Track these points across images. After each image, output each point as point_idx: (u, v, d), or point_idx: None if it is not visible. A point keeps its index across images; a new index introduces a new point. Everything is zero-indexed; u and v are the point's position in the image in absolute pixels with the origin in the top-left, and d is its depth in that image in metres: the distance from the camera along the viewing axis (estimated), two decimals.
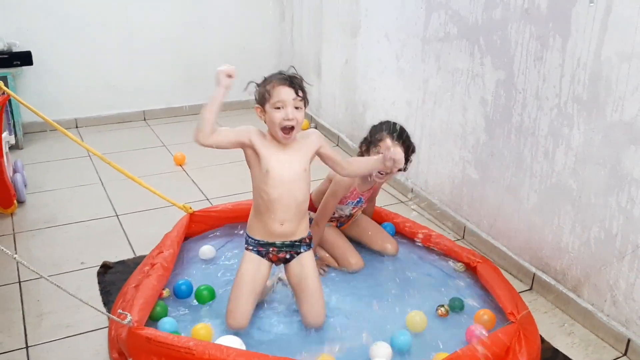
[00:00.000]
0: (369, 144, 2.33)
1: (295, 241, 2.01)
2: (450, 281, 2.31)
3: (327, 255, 2.44)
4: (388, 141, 2.23)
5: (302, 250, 2.03)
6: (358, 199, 2.45)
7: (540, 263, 2.38)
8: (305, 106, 1.93)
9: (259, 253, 2.01)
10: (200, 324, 1.93)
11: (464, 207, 2.80)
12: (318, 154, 2.02)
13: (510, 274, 2.50)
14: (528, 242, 2.42)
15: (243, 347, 1.78)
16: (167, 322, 1.91)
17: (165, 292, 2.12)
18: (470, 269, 2.33)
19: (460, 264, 2.36)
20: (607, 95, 1.97)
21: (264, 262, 2.02)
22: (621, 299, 2.03)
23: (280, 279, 2.25)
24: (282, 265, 2.07)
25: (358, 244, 2.50)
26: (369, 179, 2.36)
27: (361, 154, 2.37)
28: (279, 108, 1.88)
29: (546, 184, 2.28)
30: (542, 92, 2.22)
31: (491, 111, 2.51)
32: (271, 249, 2.00)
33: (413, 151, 2.37)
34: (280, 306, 2.13)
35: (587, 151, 2.08)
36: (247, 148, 1.97)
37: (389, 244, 2.47)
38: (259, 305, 2.09)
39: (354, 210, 2.50)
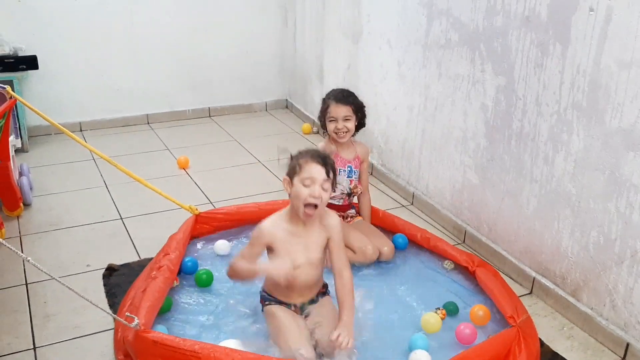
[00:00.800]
0: (323, 115, 2.54)
1: (313, 298, 2.06)
2: (450, 285, 2.35)
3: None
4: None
5: (319, 299, 2.07)
6: (348, 167, 2.54)
7: (540, 267, 2.41)
8: (333, 189, 1.95)
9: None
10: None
11: (465, 212, 2.83)
12: (327, 242, 2.02)
13: (510, 277, 2.53)
14: (528, 247, 2.45)
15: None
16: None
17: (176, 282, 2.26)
18: (470, 273, 2.36)
19: (448, 261, 2.43)
20: (606, 102, 2.00)
21: (291, 310, 2.02)
22: (620, 303, 2.06)
23: None
24: None
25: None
26: (343, 143, 2.56)
27: (322, 124, 2.58)
28: (307, 185, 1.89)
29: (546, 189, 2.31)
30: (542, 98, 2.26)
31: (492, 117, 2.55)
32: (292, 307, 2.02)
33: (362, 107, 2.57)
34: None
35: (586, 157, 2.11)
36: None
37: (385, 247, 2.49)
38: None
39: (352, 185, 2.58)
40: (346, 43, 3.76)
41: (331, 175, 1.91)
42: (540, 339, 2.04)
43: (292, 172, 1.93)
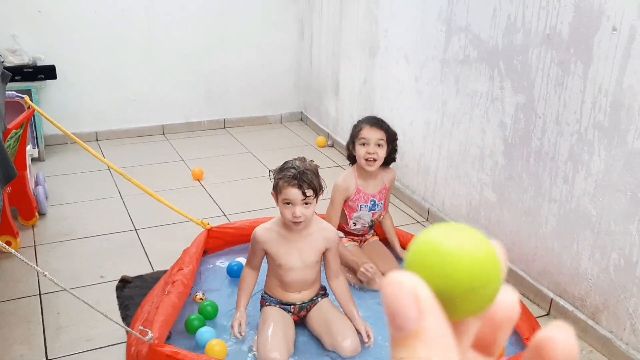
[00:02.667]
0: (353, 140, 2.43)
1: (313, 298, 2.12)
2: None
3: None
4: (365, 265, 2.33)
5: (318, 300, 2.13)
6: (371, 202, 2.46)
7: (558, 288, 2.37)
8: (317, 198, 1.96)
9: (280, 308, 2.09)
10: (214, 340, 1.96)
11: (481, 229, 2.78)
12: (324, 251, 2.07)
13: (528, 298, 2.49)
14: (546, 267, 2.41)
15: None
16: (205, 332, 1.98)
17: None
18: None
19: None
20: (628, 123, 1.97)
21: (288, 315, 2.07)
22: None
23: None
24: None
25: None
26: (370, 174, 2.45)
27: (349, 154, 2.49)
28: (288, 204, 1.93)
29: (565, 209, 2.28)
30: (563, 117, 2.23)
31: (510, 135, 2.52)
32: (291, 307, 2.08)
33: (395, 137, 2.46)
34: None
35: (607, 177, 2.08)
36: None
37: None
38: None
39: (374, 217, 2.51)
40: (363, 57, 3.75)
41: (310, 193, 1.91)
42: None
43: (275, 189, 1.97)
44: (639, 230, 1.98)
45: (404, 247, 2.64)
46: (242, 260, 2.46)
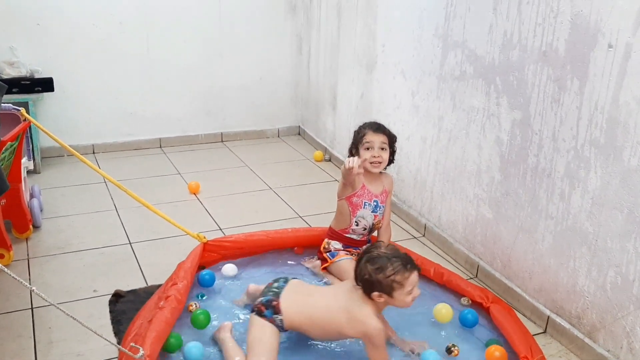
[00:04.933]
0: (356, 144, 2.52)
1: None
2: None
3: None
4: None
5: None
6: (374, 201, 2.51)
7: (554, 306, 2.35)
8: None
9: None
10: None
11: (477, 246, 2.78)
12: None
13: (524, 315, 2.47)
14: (542, 284, 2.40)
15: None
16: (193, 347, 1.96)
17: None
18: (484, 309, 2.30)
19: (465, 298, 2.40)
20: (624, 140, 1.96)
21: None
22: (638, 346, 2.00)
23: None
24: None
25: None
26: (373, 176, 2.55)
27: (351, 154, 2.53)
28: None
29: (562, 226, 2.27)
30: (559, 134, 2.23)
31: (507, 151, 2.52)
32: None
33: (395, 140, 2.57)
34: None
35: (604, 195, 2.07)
36: None
37: None
38: None
39: (375, 220, 2.54)
40: (360, 72, 3.76)
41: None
42: None
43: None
44: (636, 248, 1.97)
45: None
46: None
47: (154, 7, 4.19)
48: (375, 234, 2.65)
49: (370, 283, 1.92)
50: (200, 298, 2.34)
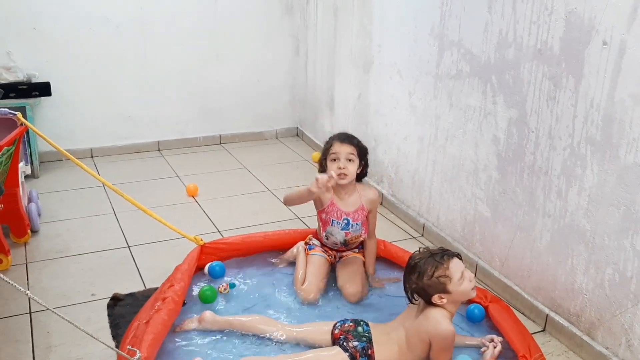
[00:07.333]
0: (325, 156, 2.45)
1: None
2: (460, 320, 2.29)
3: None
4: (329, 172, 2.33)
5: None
6: (344, 220, 2.44)
7: (553, 304, 2.34)
8: None
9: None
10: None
11: (476, 245, 2.78)
12: None
13: (523, 314, 2.47)
14: (541, 282, 2.39)
15: None
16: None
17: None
18: (482, 308, 2.30)
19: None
20: (620, 137, 1.96)
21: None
22: (636, 343, 1.99)
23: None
24: None
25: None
26: (346, 190, 2.47)
27: (322, 170, 2.47)
28: None
29: (559, 224, 2.26)
30: (555, 132, 2.22)
31: (503, 149, 2.51)
32: None
33: (366, 152, 2.48)
34: None
35: (600, 192, 2.07)
36: None
37: (351, 289, 2.41)
38: None
39: (348, 237, 2.48)
40: (357, 72, 3.76)
41: None
42: None
43: None
44: (633, 245, 1.97)
45: (398, 263, 2.62)
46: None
47: (150, 10, 4.19)
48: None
49: (423, 290, 1.92)
50: (231, 287, 2.42)
